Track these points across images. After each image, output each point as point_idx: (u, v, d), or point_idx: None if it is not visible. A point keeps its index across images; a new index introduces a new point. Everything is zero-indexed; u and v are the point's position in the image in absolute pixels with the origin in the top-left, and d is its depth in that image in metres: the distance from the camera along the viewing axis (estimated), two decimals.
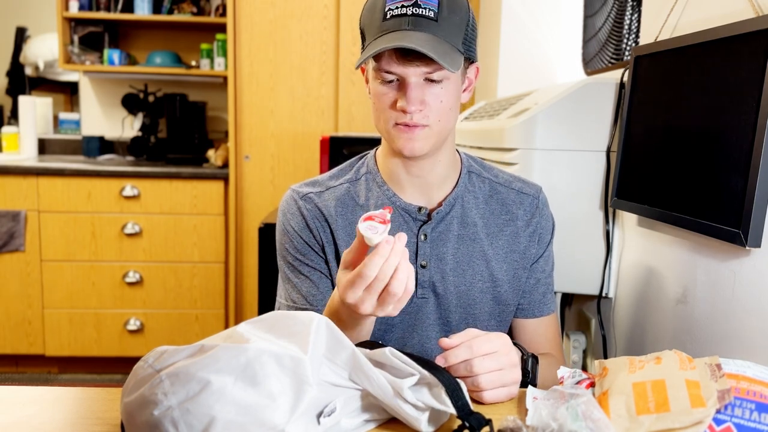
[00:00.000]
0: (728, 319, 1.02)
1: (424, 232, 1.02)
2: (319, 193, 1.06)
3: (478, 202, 1.05)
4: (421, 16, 0.89)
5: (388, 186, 1.04)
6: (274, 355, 0.64)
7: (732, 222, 0.95)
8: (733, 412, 0.65)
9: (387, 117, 0.95)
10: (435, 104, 0.93)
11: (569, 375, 0.83)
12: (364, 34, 0.96)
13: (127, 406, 0.65)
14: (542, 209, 1.08)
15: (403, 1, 0.90)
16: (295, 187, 1.09)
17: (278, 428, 0.63)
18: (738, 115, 0.95)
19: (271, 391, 0.63)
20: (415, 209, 1.03)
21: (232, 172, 2.85)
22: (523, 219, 1.06)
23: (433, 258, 1.02)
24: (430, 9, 0.89)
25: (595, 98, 1.38)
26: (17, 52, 3.40)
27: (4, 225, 2.74)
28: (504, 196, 1.07)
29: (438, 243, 1.03)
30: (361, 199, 1.05)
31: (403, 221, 1.03)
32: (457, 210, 1.04)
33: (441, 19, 0.90)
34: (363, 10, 0.97)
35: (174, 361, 0.65)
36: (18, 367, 2.96)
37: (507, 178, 1.09)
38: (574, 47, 2.05)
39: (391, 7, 0.90)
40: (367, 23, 0.94)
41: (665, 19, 1.24)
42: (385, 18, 0.90)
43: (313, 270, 1.05)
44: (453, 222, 1.03)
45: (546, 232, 1.09)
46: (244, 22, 2.80)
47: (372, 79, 0.96)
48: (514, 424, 0.68)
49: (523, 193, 1.08)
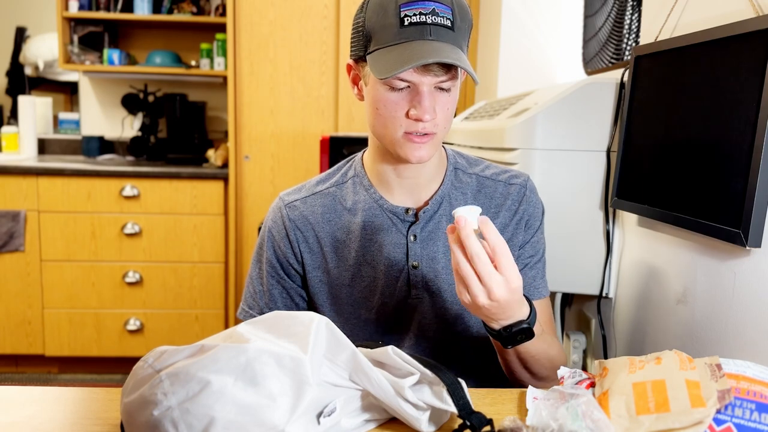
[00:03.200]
0: (728, 319, 1.02)
1: (413, 233, 1.02)
2: (304, 198, 1.07)
3: (466, 198, 1.05)
4: (440, 25, 0.87)
5: (375, 189, 1.04)
6: (274, 355, 0.64)
7: (732, 222, 0.95)
8: (734, 413, 0.65)
9: (397, 125, 0.92)
10: (442, 112, 0.92)
11: (569, 375, 0.83)
12: (369, 35, 0.91)
13: (126, 407, 0.65)
14: (529, 196, 1.07)
15: (420, 8, 0.87)
16: (282, 195, 1.09)
17: (278, 428, 0.63)
18: (738, 115, 0.95)
19: (271, 392, 0.63)
20: (403, 211, 1.02)
21: (231, 172, 2.85)
22: (511, 209, 1.05)
23: (424, 258, 1.02)
24: (447, 17, 0.88)
25: (595, 98, 1.38)
26: (17, 52, 3.40)
27: (4, 225, 2.74)
28: (492, 189, 1.06)
29: (428, 243, 1.03)
30: (348, 202, 1.05)
31: (392, 223, 1.03)
32: (445, 207, 1.04)
33: (456, 27, 0.89)
34: (367, 10, 0.91)
35: (174, 361, 0.65)
36: (18, 367, 2.96)
37: (494, 171, 1.08)
38: (574, 47, 2.05)
39: (407, 13, 0.87)
40: (377, 26, 0.90)
41: (665, 19, 1.24)
42: (403, 24, 0.88)
43: (277, 284, 1.08)
44: (441, 220, 1.03)
45: (534, 218, 1.07)
46: (244, 22, 2.80)
47: (376, 84, 0.92)
48: (513, 424, 0.68)
49: (510, 184, 1.07)
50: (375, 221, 1.03)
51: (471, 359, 1.08)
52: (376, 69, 0.88)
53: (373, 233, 1.03)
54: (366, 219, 1.03)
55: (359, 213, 1.04)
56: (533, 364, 0.95)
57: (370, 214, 1.03)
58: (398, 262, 1.02)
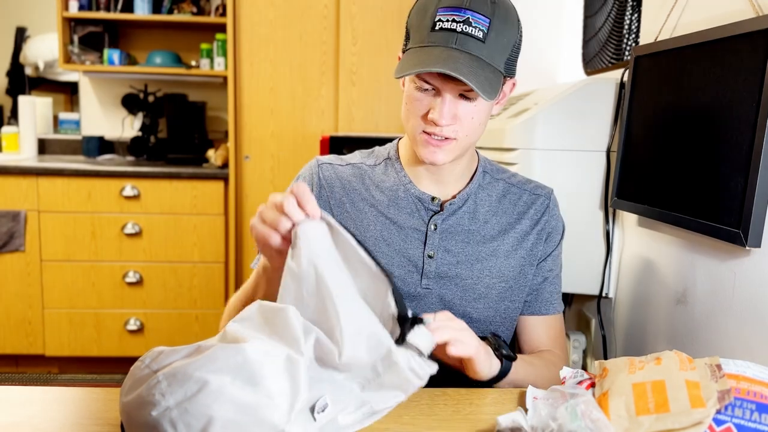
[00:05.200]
0: (728, 319, 1.02)
1: (434, 222, 1.03)
2: (338, 165, 1.09)
3: (491, 201, 1.07)
4: (470, 35, 0.87)
5: (405, 173, 1.06)
6: (271, 354, 0.64)
7: (732, 222, 0.95)
8: (734, 413, 0.65)
9: (416, 123, 0.95)
10: (466, 120, 0.93)
11: (571, 375, 0.83)
12: (409, 33, 0.95)
13: (125, 407, 0.65)
14: (552, 209, 1.09)
15: (455, 15, 0.88)
16: (318, 157, 1.12)
17: (278, 428, 0.63)
18: (738, 115, 0.95)
19: (270, 391, 0.63)
20: (429, 198, 1.04)
21: (232, 172, 2.85)
22: (533, 218, 1.07)
23: (440, 250, 1.03)
24: (480, 29, 0.88)
25: (595, 98, 1.38)
26: (17, 52, 3.40)
27: (4, 225, 2.74)
28: (517, 197, 1.08)
29: (447, 235, 1.04)
30: (377, 180, 1.07)
31: (415, 209, 1.04)
32: (470, 205, 1.05)
33: (488, 41, 0.88)
34: (413, 9, 0.95)
35: (171, 361, 0.65)
36: (18, 367, 2.96)
37: (521, 179, 1.10)
38: (574, 47, 2.05)
39: (441, 18, 0.88)
40: (415, 26, 0.93)
41: (665, 19, 1.24)
42: (434, 28, 0.89)
43: None
44: (464, 217, 1.04)
45: (555, 232, 1.09)
46: (244, 22, 2.80)
47: (408, 80, 0.95)
48: (513, 424, 0.68)
49: (535, 194, 1.09)
50: (400, 203, 1.04)
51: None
52: (397, 67, 0.92)
53: (396, 213, 1.04)
54: (391, 198, 1.05)
55: (386, 192, 1.05)
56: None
57: (396, 195, 1.05)
58: (415, 248, 1.03)
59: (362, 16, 2.83)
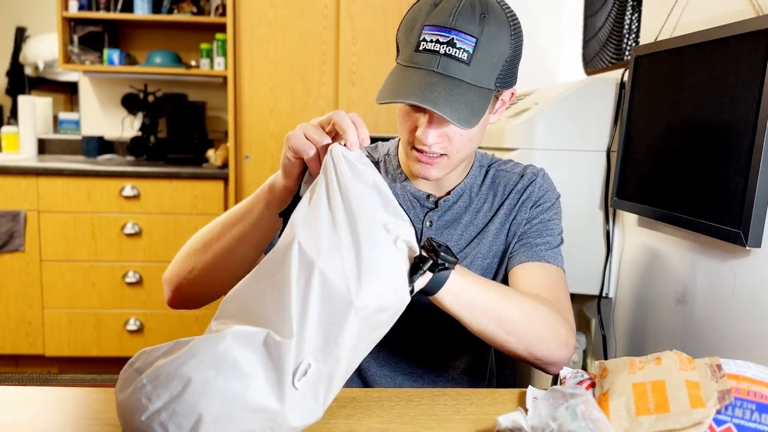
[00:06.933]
0: (728, 319, 1.02)
1: (429, 218, 1.04)
2: None
3: (484, 189, 1.07)
4: (453, 57, 0.84)
5: (401, 170, 1.06)
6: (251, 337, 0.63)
7: (732, 222, 0.95)
8: (734, 413, 0.65)
9: (406, 138, 0.94)
10: (455, 137, 0.91)
11: (572, 375, 0.83)
12: (398, 46, 0.92)
13: (119, 407, 0.65)
14: (539, 181, 1.05)
15: (439, 35, 0.84)
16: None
17: (270, 410, 0.62)
18: (738, 115, 0.95)
19: (255, 375, 0.61)
20: (424, 196, 1.04)
21: (232, 172, 2.85)
22: (519, 191, 1.05)
23: None
24: (465, 50, 0.84)
25: (595, 98, 1.38)
26: (17, 52, 3.40)
27: (4, 225, 2.74)
28: (506, 179, 1.07)
29: (443, 231, 1.04)
30: None
31: (411, 206, 1.04)
32: (465, 200, 1.05)
33: (474, 62, 0.84)
34: (402, 22, 0.92)
35: (151, 360, 0.64)
36: (18, 367, 2.96)
37: (512, 164, 1.10)
38: (574, 47, 2.05)
39: (426, 37, 0.85)
40: (402, 41, 0.90)
41: (665, 19, 1.24)
42: (418, 48, 0.86)
43: None
44: (460, 213, 1.05)
45: (543, 200, 1.04)
46: (244, 22, 2.80)
47: None
48: (513, 424, 0.68)
49: (523, 175, 1.07)
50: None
51: (464, 359, 1.08)
52: (380, 90, 0.88)
53: None
54: None
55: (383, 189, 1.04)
56: (471, 318, 0.83)
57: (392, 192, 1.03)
58: None
59: (362, 15, 2.83)
